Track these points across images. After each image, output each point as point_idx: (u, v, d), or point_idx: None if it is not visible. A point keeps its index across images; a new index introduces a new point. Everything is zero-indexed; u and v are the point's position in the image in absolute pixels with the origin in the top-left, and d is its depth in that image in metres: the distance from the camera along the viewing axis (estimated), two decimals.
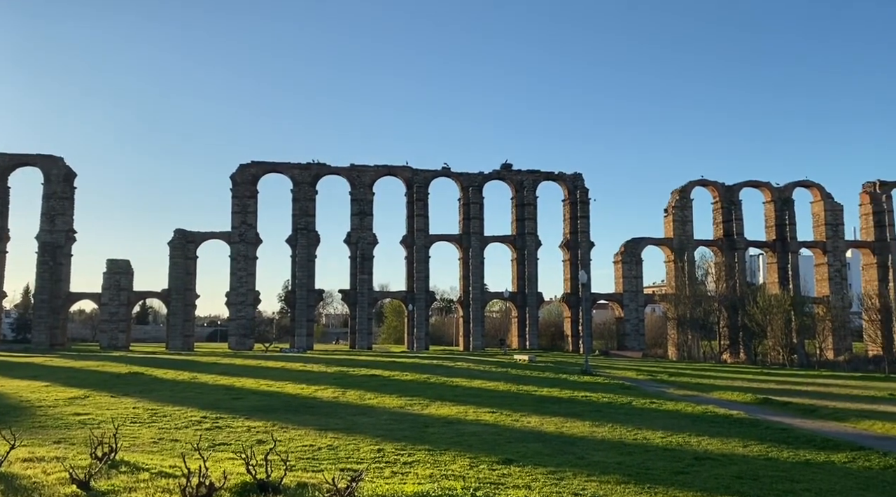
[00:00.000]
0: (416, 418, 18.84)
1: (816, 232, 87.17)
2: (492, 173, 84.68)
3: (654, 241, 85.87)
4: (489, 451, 13.76)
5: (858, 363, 73.75)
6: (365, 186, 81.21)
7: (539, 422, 18.32)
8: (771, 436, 16.64)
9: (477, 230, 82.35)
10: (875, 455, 13.98)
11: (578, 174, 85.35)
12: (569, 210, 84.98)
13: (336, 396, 23.90)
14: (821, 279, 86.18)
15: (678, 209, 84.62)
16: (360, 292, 79.49)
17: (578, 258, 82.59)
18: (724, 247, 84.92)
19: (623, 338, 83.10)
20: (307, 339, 77.13)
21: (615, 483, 10.94)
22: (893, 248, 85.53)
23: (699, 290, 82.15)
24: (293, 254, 79.43)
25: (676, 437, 16.14)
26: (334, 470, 11.06)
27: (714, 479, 11.58)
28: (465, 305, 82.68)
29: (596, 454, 13.77)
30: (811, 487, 11.06)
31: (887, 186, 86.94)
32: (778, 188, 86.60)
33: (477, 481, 10.80)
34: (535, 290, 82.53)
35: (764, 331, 73.52)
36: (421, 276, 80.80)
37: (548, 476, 11.38)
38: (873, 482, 11.69)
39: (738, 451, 14.47)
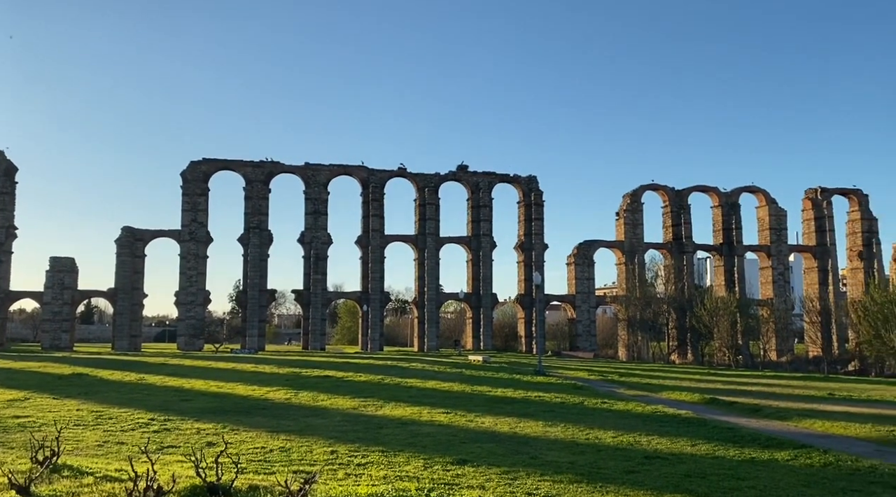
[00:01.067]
0: (370, 419, 18.72)
1: (761, 236, 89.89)
2: (448, 174, 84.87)
3: (606, 243, 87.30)
4: (443, 451, 13.75)
5: (800, 364, 76.34)
6: (320, 185, 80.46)
7: (493, 422, 18.41)
8: (718, 435, 17.05)
9: (433, 231, 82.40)
10: (816, 453, 14.46)
11: (533, 177, 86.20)
12: (523, 212, 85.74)
13: (289, 398, 23.58)
14: (765, 282, 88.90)
15: (629, 213, 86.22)
16: (314, 293, 78.70)
17: (533, 260, 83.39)
18: (673, 250, 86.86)
19: (575, 338, 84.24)
20: (259, 339, 75.99)
21: (568, 482, 11.05)
22: (833, 253, 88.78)
23: (649, 292, 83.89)
24: (245, 253, 78.18)
25: (627, 436, 16.40)
26: (287, 472, 10.90)
27: (664, 477, 11.80)
28: (420, 306, 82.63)
29: (549, 454, 13.89)
30: (756, 485, 11.36)
31: (828, 193, 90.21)
32: (725, 193, 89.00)
33: (431, 482, 10.78)
34: (490, 292, 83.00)
35: (711, 332, 75.44)
36: (376, 277, 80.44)
37: (502, 476, 11.43)
38: (814, 479, 12.08)
39: (686, 450, 14.78)
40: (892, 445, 16.47)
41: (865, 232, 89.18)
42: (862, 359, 74.30)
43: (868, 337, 68.23)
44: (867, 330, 68.17)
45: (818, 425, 19.59)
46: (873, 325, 66.29)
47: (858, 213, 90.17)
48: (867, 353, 71.05)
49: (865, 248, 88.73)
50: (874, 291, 72.40)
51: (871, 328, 66.94)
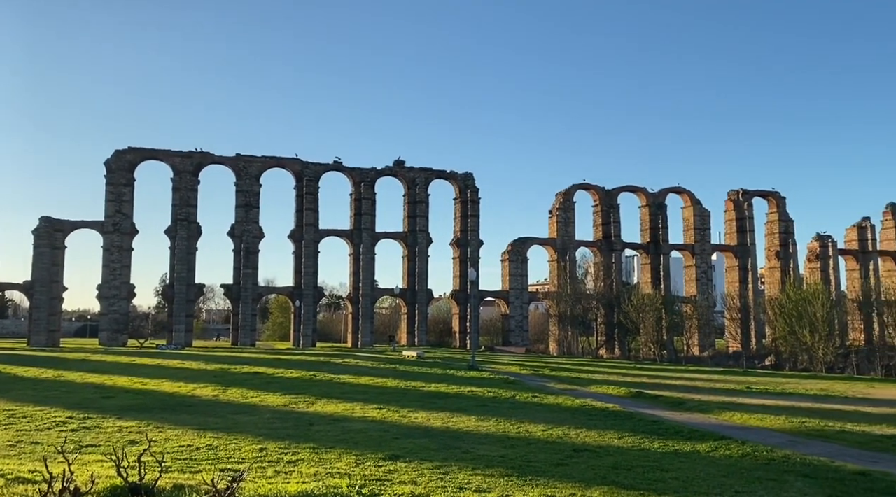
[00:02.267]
0: (300, 416, 18.46)
1: (686, 235, 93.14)
2: (384, 169, 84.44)
3: (539, 240, 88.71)
4: (376, 447, 13.68)
5: (720, 358, 79.56)
6: (251, 178, 78.72)
7: (426, 417, 18.43)
8: (643, 428, 17.56)
9: (368, 226, 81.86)
10: (735, 444, 15.07)
11: (469, 173, 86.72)
12: (460, 208, 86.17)
13: (216, 395, 23.01)
14: (689, 280, 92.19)
15: (562, 211, 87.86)
16: (244, 287, 77.03)
17: (468, 256, 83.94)
18: (603, 248, 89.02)
19: (508, 334, 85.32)
20: (186, 335, 73.84)
21: (499, 476, 11.17)
22: (753, 253, 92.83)
23: (579, 288, 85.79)
24: (172, 246, 75.79)
25: (557, 430, 16.70)
26: (214, 470, 10.61)
27: (591, 469, 12.07)
28: (354, 302, 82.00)
29: (481, 448, 14.00)
30: (679, 476, 11.75)
31: (749, 195, 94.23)
32: (653, 194, 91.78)
33: (363, 478, 10.70)
34: (425, 287, 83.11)
35: (637, 328, 77.75)
36: (309, 272, 79.36)
37: (434, 471, 11.45)
38: (733, 469, 12.59)
39: (613, 443, 15.17)
40: (804, 436, 17.34)
41: (782, 233, 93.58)
42: (778, 354, 78.04)
43: (783, 333, 71.77)
44: (782, 326, 71.69)
45: (737, 418, 20.43)
46: (788, 322, 69.76)
47: (776, 215, 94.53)
48: (782, 349, 74.69)
49: (782, 249, 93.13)
50: (789, 290, 76.20)
51: (786, 325, 70.43)
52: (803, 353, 68.55)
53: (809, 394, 30.73)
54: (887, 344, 76.48)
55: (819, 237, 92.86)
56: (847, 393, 31.94)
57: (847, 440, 16.71)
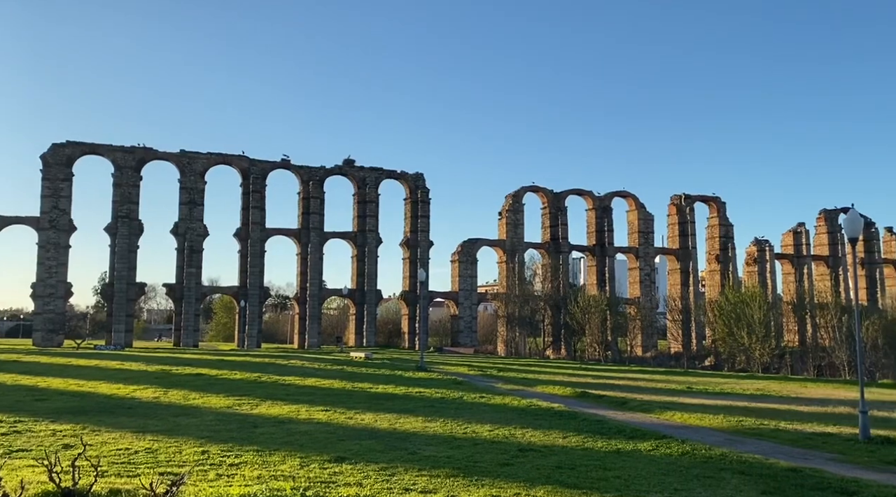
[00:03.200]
0: (244, 418, 18.13)
1: (631, 238, 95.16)
2: (334, 168, 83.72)
3: (488, 242, 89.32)
4: (321, 449, 13.55)
5: (662, 359, 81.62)
6: (196, 174, 76.99)
7: (373, 419, 18.35)
8: (588, 427, 17.86)
9: (317, 225, 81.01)
10: (675, 443, 15.47)
11: (420, 174, 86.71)
12: (410, 209, 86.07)
13: (157, 396, 22.41)
14: (633, 282, 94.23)
15: (511, 213, 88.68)
16: (187, 286, 75.27)
17: (418, 257, 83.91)
18: (550, 250, 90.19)
19: (457, 334, 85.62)
20: (126, 335, 71.70)
21: (445, 476, 11.20)
22: (694, 256, 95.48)
23: (527, 289, 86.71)
24: (113, 243, 73.51)
25: (503, 430, 16.84)
26: (153, 474, 10.33)
27: (536, 469, 12.22)
28: (301, 302, 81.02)
29: (427, 449, 14.01)
30: (621, 475, 11.99)
31: (691, 199, 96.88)
32: (599, 197, 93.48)
33: (307, 481, 10.59)
34: (375, 288, 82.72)
35: (583, 329, 79.09)
36: (255, 272, 78.07)
37: (379, 472, 11.42)
38: (672, 467, 12.92)
39: (558, 443, 15.38)
40: (741, 435, 17.92)
41: (722, 237, 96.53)
42: (717, 354, 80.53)
43: (722, 334, 74.11)
44: (722, 328, 74.02)
45: (677, 417, 20.97)
46: (727, 324, 72.07)
47: (717, 219, 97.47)
48: (721, 350, 77.11)
49: (722, 252, 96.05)
50: (729, 292, 78.72)
51: (725, 326, 72.74)
52: (741, 353, 70.89)
53: (746, 393, 31.76)
54: (819, 345, 79.71)
55: (757, 242, 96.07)
56: (782, 392, 33.15)
57: (780, 438, 17.34)
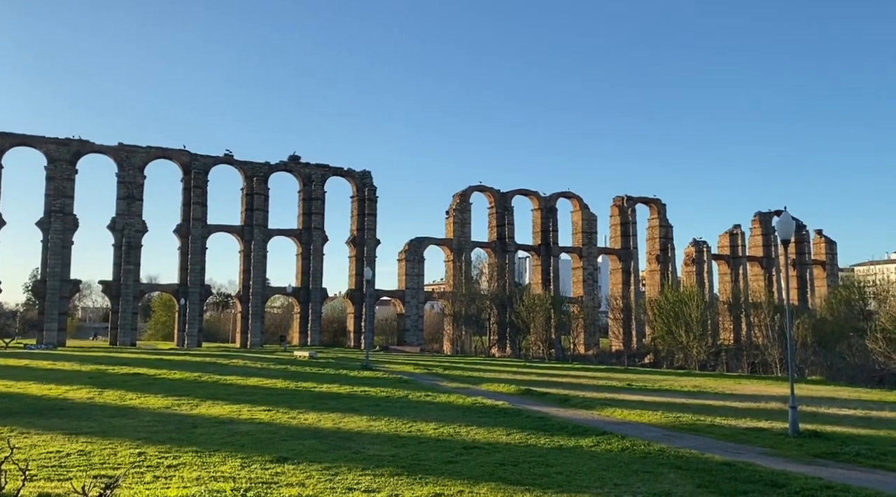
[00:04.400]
0: (183, 419, 17.68)
1: (575, 238, 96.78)
2: (279, 164, 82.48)
3: (435, 240, 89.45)
4: (263, 449, 13.33)
5: (604, 357, 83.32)
6: (135, 169, 74.73)
7: (317, 418, 18.14)
8: (531, 424, 18.07)
9: (260, 222, 79.66)
10: (615, 438, 15.80)
11: (367, 172, 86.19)
12: (357, 207, 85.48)
13: (91, 397, 21.65)
14: (577, 281, 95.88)
15: (458, 212, 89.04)
16: (125, 284, 72.98)
17: (364, 255, 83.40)
18: (497, 249, 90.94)
19: (403, 333, 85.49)
20: (59, 334, 69.05)
21: (389, 475, 11.17)
22: (635, 256, 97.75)
23: (474, 288, 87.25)
24: (45, 239, 70.68)
25: (448, 428, 16.89)
26: (85, 477, 9.98)
27: (480, 466, 12.30)
28: (244, 300, 79.55)
29: (372, 448, 13.95)
30: (562, 470, 12.18)
31: (632, 201, 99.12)
32: (544, 198, 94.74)
33: (248, 481, 10.41)
34: (320, 286, 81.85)
35: (528, 327, 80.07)
36: (196, 269, 76.27)
37: (323, 472, 11.30)
38: (613, 463, 13.19)
39: (502, 440, 15.51)
40: (678, 430, 18.42)
41: (662, 238, 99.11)
42: (656, 352, 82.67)
43: (662, 332, 76.14)
44: (661, 326, 76.05)
45: (618, 413, 21.41)
46: (666, 322, 74.07)
47: (657, 220, 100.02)
48: (661, 347, 79.20)
49: (662, 253, 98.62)
50: (668, 292, 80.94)
51: (664, 325, 74.74)
52: (679, 351, 72.97)
53: (684, 390, 32.68)
54: (753, 343, 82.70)
55: (695, 242, 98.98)
56: (717, 389, 34.24)
57: (716, 433, 17.90)
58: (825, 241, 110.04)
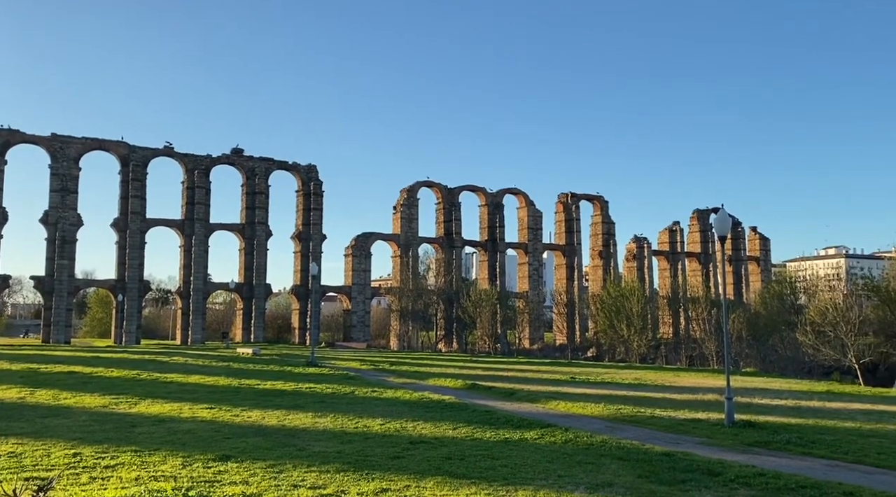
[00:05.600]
0: (121, 418, 17.17)
1: (521, 234, 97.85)
2: (221, 157, 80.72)
3: (383, 236, 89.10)
4: (205, 448, 13.06)
5: (549, 351, 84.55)
6: (69, 160, 71.98)
7: (261, 416, 17.88)
8: (477, 418, 18.22)
9: (202, 216, 77.85)
10: (559, 431, 16.08)
11: (313, 166, 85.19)
12: (302, 201, 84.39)
13: (22, 397, 20.80)
14: (522, 276, 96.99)
15: (406, 207, 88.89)
16: (59, 279, 70.30)
17: (310, 250, 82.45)
18: (444, 244, 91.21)
19: (350, 329, 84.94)
20: None
21: (335, 472, 11.10)
22: (579, 252, 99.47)
23: (421, 284, 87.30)
24: None
25: (394, 423, 16.89)
26: (17, 480, 9.59)
27: (426, 461, 12.34)
28: (184, 296, 77.65)
29: (317, 445, 13.83)
30: (507, 463, 12.33)
31: (576, 198, 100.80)
32: (491, 194, 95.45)
33: (190, 481, 10.19)
34: (264, 282, 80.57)
35: (474, 322, 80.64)
36: (134, 264, 74.05)
37: (267, 470, 11.16)
38: (557, 454, 13.43)
39: (448, 434, 15.60)
40: (620, 422, 18.88)
41: (605, 234, 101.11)
42: (599, 346, 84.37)
43: (604, 327, 77.78)
44: (603, 320, 77.68)
45: (562, 406, 21.79)
46: (608, 317, 75.70)
47: (600, 217, 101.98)
48: (603, 341, 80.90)
49: (605, 249, 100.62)
50: (610, 287, 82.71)
51: (606, 319, 76.37)
52: (621, 344, 74.68)
53: (625, 383, 33.48)
54: (691, 337, 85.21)
55: (636, 239, 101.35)
56: (657, 381, 35.20)
57: (656, 425, 18.41)
58: (759, 237, 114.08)
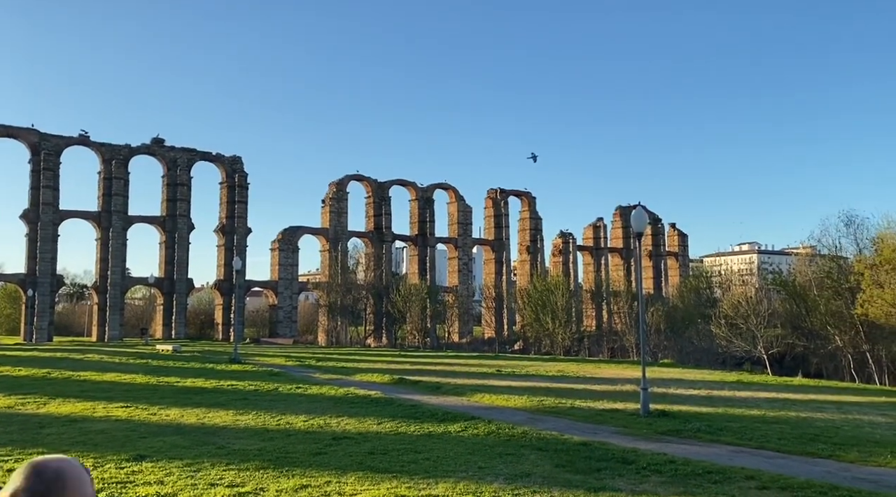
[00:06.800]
0: (28, 418, 16.41)
1: (451, 229, 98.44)
2: (140, 147, 77.77)
3: (311, 230, 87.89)
4: (119, 448, 12.65)
5: (477, 344, 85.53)
6: None
7: (179, 414, 17.43)
8: (402, 412, 18.29)
9: (120, 208, 74.84)
10: (482, 423, 16.33)
11: (238, 157, 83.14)
12: (226, 193, 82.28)
13: None
14: (452, 271, 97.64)
15: (335, 201, 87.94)
16: None
17: (235, 244, 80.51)
18: (374, 239, 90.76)
19: (276, 325, 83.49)
20: None
21: (254, 469, 10.95)
22: (508, 247, 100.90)
23: (350, 278, 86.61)
24: None
25: (318, 419, 16.76)
26: None
27: (349, 456, 12.33)
28: (101, 291, 74.52)
29: (237, 442, 13.61)
30: (430, 456, 12.46)
31: (505, 193, 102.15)
32: (422, 188, 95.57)
33: (101, 482, 9.87)
34: (186, 277, 78.20)
35: (404, 316, 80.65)
36: (46, 257, 70.52)
37: (184, 468, 10.91)
38: (479, 446, 13.66)
39: (372, 429, 15.61)
40: (541, 413, 19.33)
41: (532, 229, 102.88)
42: (525, 339, 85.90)
43: (530, 320, 79.27)
44: (530, 314, 79.15)
45: (486, 399, 22.12)
46: (534, 310, 77.19)
47: (528, 213, 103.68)
48: (529, 334, 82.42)
49: (532, 244, 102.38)
50: (536, 281, 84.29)
51: (532, 313, 77.85)
52: (546, 337, 76.29)
53: (549, 375, 34.26)
54: (613, 329, 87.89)
55: (562, 234, 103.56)
56: (579, 373, 36.17)
57: (575, 415, 18.95)
58: (678, 234, 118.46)
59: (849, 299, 53.97)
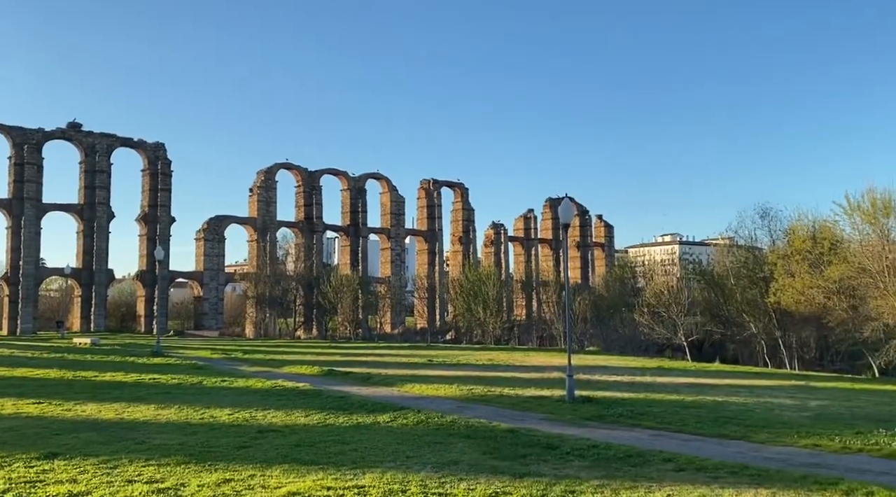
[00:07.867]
0: None
1: (384, 220, 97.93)
2: (55, 131, 74.07)
3: (238, 219, 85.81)
4: (29, 446, 12.08)
5: (409, 335, 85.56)
6: None
7: (96, 409, 16.78)
8: (331, 404, 18.16)
9: (33, 195, 71.16)
10: (411, 413, 16.39)
11: (161, 144, 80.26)
12: (148, 181, 79.35)
13: None
14: (385, 262, 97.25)
15: (263, 190, 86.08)
16: None
17: (157, 233, 77.81)
18: (304, 229, 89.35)
19: (201, 317, 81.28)
20: None
21: (175, 464, 10.66)
22: (441, 237, 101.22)
23: (279, 269, 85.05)
24: None
25: (243, 412, 16.45)
26: None
27: (274, 449, 12.15)
28: (13, 283, 70.77)
29: (158, 437, 13.21)
30: (358, 447, 12.42)
31: (438, 184, 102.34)
32: (354, 178, 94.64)
33: (7, 482, 9.39)
34: (105, 267, 75.12)
35: (335, 308, 79.85)
36: None
37: (100, 465, 10.51)
38: (408, 436, 13.70)
39: (300, 421, 15.43)
40: (471, 402, 19.55)
41: (465, 220, 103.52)
42: (457, 329, 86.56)
43: (462, 310, 79.89)
44: (462, 304, 79.77)
45: (416, 389, 22.21)
46: (466, 300, 77.83)
47: (461, 204, 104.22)
48: (461, 324, 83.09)
49: (464, 235, 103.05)
50: (468, 272, 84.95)
51: (464, 303, 78.48)
52: (477, 327, 77.10)
53: (479, 364, 34.70)
54: (542, 318, 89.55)
55: (494, 225, 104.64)
56: (508, 361, 36.78)
57: (503, 403, 19.26)
58: (605, 225, 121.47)
59: (763, 288, 56.64)
